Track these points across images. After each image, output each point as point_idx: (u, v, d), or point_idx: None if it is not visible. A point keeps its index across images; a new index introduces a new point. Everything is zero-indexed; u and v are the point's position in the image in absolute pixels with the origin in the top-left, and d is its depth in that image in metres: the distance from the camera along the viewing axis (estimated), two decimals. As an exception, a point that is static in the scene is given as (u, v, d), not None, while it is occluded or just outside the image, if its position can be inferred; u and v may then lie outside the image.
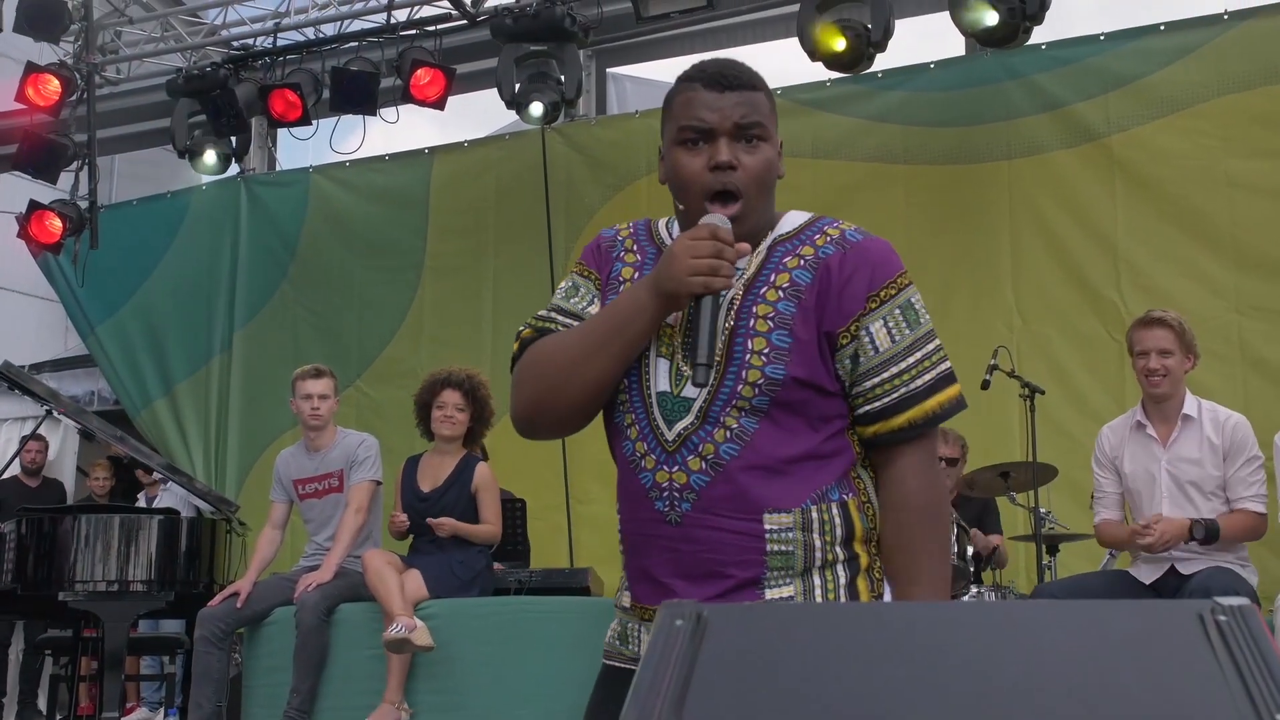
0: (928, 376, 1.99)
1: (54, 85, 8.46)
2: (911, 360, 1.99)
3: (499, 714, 5.21)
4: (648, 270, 2.07)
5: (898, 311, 1.99)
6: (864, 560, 2.01)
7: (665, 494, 1.97)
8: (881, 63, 7.45)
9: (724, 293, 1.98)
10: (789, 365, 1.95)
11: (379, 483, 5.88)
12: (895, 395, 1.98)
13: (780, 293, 1.99)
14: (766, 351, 1.95)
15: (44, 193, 9.07)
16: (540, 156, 8.57)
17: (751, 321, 1.97)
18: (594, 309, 2.10)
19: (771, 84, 2.08)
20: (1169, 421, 4.92)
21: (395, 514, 5.58)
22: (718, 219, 1.94)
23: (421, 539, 5.63)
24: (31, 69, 8.45)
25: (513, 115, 8.37)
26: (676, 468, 1.96)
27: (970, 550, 5.84)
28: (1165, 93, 7.15)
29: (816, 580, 1.96)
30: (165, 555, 6.43)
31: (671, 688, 1.13)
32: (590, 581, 6.45)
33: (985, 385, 5.92)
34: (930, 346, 2.01)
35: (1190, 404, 4.92)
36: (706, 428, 1.95)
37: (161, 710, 8.51)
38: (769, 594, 1.94)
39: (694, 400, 1.97)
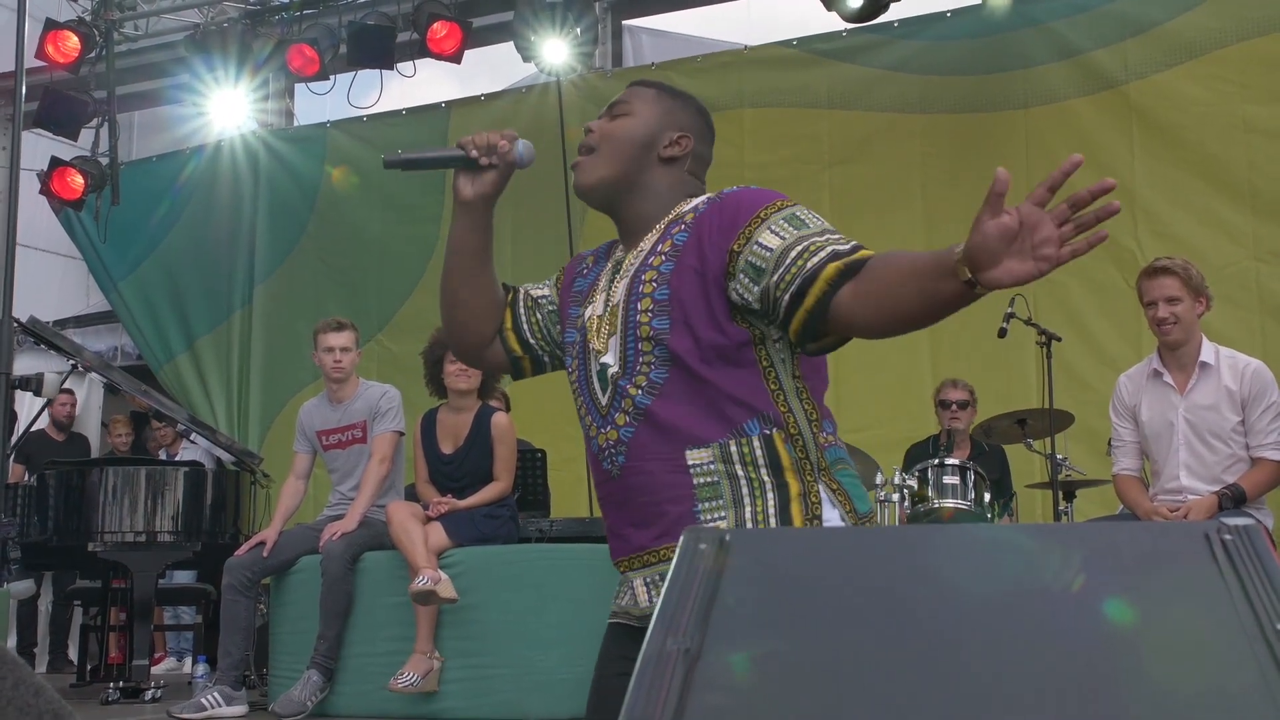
0: (823, 253, 1.98)
1: (73, 42, 8.49)
2: (803, 245, 2.00)
3: (521, 660, 5.30)
4: (596, 275, 2.34)
5: (783, 220, 2.05)
6: (795, 488, 2.09)
7: (606, 453, 2.16)
8: (897, 11, 7.43)
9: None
10: (671, 313, 2.10)
11: (402, 433, 5.93)
12: (801, 277, 1.98)
13: (663, 256, 2.16)
14: (651, 308, 2.12)
15: (65, 149, 9.11)
16: (556, 109, 8.57)
17: (640, 286, 2.16)
18: (540, 291, 2.49)
19: (787, 34, 2.19)
20: (1186, 369, 4.88)
21: (438, 503, 5.49)
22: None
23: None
24: (51, 26, 8.48)
25: (530, 68, 8.37)
26: (609, 427, 2.15)
27: (988, 497, 5.88)
28: (1184, 39, 7.11)
29: (748, 509, 2.07)
30: (191, 506, 6.53)
31: (696, 606, 1.17)
32: (609, 530, 6.50)
33: (1002, 334, 5.92)
34: (820, 238, 2.01)
35: (1208, 351, 4.85)
36: (624, 383, 2.14)
37: (189, 659, 8.63)
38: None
39: (611, 367, 2.16)
